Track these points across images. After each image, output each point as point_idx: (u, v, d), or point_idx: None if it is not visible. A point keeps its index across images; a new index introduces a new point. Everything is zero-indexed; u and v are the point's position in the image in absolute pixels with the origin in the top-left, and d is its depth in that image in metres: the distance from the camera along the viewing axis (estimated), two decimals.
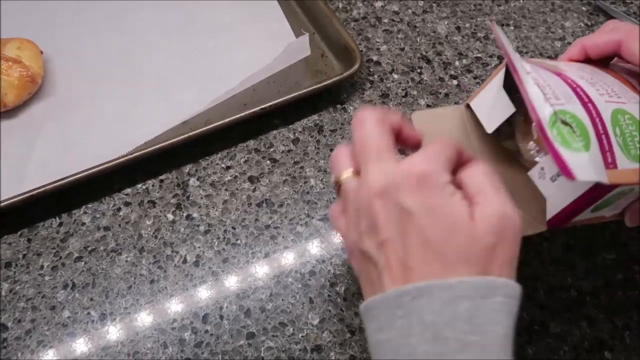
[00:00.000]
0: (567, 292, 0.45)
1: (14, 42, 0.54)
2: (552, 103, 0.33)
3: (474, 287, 0.27)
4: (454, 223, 0.28)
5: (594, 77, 0.38)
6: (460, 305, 0.26)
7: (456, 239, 0.28)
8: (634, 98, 0.37)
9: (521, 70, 0.34)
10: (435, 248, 0.28)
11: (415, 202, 0.28)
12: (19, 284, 0.44)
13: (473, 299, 0.27)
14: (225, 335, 0.42)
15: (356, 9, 0.64)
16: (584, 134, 0.33)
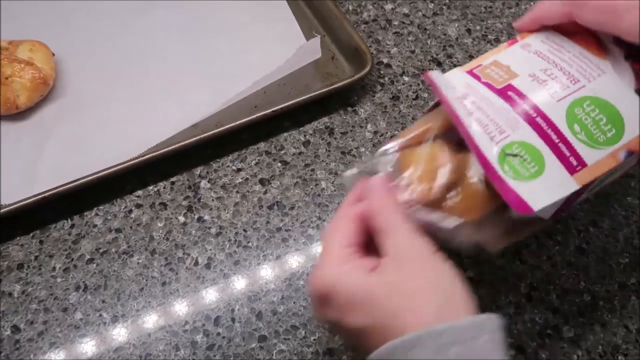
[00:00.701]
0: (581, 296, 0.45)
1: (26, 44, 0.54)
2: (497, 140, 0.35)
3: (462, 330, 0.28)
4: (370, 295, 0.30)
5: (551, 60, 0.39)
6: (450, 350, 0.27)
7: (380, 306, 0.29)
8: (597, 70, 0.37)
9: (463, 114, 0.36)
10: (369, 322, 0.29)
11: (332, 314, 0.31)
12: (31, 285, 0.44)
13: (463, 342, 0.27)
14: (237, 337, 0.42)
15: (366, 11, 0.64)
16: (536, 156, 0.34)
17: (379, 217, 0.32)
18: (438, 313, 0.28)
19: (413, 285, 0.29)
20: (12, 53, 0.53)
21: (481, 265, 0.46)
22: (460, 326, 0.28)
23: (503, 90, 0.38)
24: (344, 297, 0.30)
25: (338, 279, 0.30)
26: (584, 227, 0.48)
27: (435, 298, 0.29)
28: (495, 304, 0.44)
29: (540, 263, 0.46)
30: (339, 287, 0.30)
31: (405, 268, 0.30)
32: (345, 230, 0.33)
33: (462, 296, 0.30)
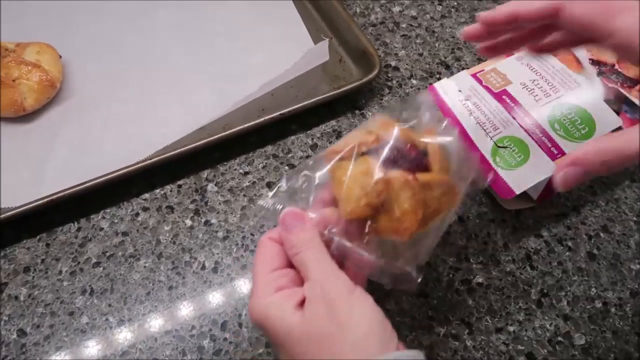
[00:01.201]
0: (592, 303, 0.44)
1: (33, 46, 0.54)
2: (492, 136, 0.45)
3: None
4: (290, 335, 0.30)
5: (539, 72, 0.50)
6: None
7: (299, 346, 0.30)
8: (574, 83, 0.48)
9: (464, 113, 0.47)
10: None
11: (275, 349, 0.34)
12: (37, 289, 0.44)
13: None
14: (244, 343, 0.41)
15: (374, 13, 0.64)
16: (523, 147, 0.44)
17: (294, 252, 0.33)
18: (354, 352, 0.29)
19: (328, 330, 0.29)
20: (20, 55, 0.53)
21: (490, 270, 0.45)
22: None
23: (499, 94, 0.48)
24: (271, 332, 0.31)
25: (266, 313, 0.31)
26: (595, 233, 0.48)
27: (351, 339, 0.29)
28: (504, 310, 0.43)
29: (550, 269, 0.45)
30: (266, 322, 0.31)
31: (321, 312, 0.30)
32: (267, 255, 0.33)
33: (379, 334, 0.30)
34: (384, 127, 0.36)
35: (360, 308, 0.30)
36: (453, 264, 0.46)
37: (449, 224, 0.39)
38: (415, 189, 0.33)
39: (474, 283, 0.45)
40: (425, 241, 0.35)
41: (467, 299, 0.44)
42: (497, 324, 0.43)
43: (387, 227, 0.34)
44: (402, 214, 0.33)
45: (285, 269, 0.33)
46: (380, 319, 0.30)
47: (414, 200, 0.33)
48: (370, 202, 0.33)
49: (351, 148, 0.35)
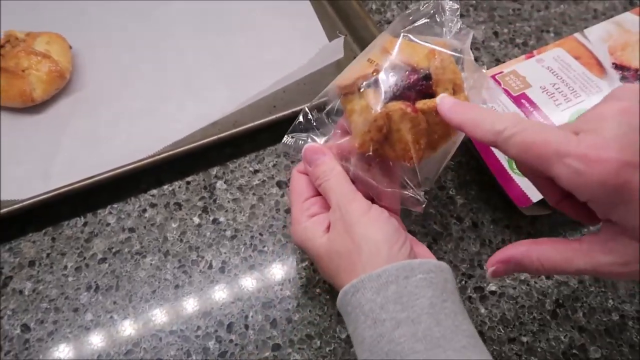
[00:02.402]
0: (609, 315, 0.43)
1: (43, 36, 0.53)
2: None
3: (395, 271, 0.31)
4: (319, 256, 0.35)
5: (559, 76, 0.49)
6: (388, 289, 0.31)
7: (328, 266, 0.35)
8: (595, 87, 0.48)
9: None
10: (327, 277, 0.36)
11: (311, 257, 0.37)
12: (42, 283, 0.43)
13: (397, 281, 0.31)
14: (250, 345, 0.41)
15: (390, 10, 0.62)
16: None
17: (318, 183, 0.37)
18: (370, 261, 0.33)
19: (347, 247, 0.33)
20: (29, 45, 0.52)
21: (504, 278, 0.44)
22: (393, 268, 0.31)
23: (518, 98, 0.47)
24: (308, 251, 0.36)
25: (303, 237, 0.36)
26: None
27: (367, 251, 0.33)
28: (518, 320, 0.42)
29: (566, 279, 0.44)
30: (304, 243, 0.36)
31: (341, 232, 0.34)
32: (298, 186, 0.38)
33: (391, 242, 0.33)
34: (384, 54, 0.36)
35: (374, 224, 0.34)
36: (466, 271, 0.44)
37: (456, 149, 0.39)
38: (416, 119, 0.34)
39: (487, 291, 0.43)
40: (433, 166, 0.38)
41: (480, 307, 0.43)
42: (510, 334, 0.42)
43: (393, 156, 0.36)
44: (405, 145, 0.35)
45: (315, 197, 0.37)
46: (392, 230, 0.34)
47: (415, 131, 0.34)
48: (373, 137, 0.35)
49: (353, 83, 0.36)
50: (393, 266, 0.31)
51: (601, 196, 0.26)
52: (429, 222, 0.47)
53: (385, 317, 0.30)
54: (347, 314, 0.33)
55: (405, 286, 0.31)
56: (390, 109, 0.34)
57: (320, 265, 0.36)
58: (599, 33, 0.52)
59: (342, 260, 0.33)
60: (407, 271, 0.31)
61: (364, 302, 0.31)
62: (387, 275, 0.31)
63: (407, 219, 0.46)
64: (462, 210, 0.47)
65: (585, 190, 0.27)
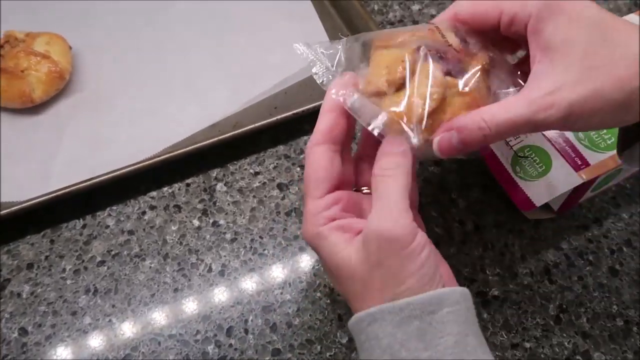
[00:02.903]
0: (613, 321, 0.42)
1: (43, 37, 0.53)
2: (512, 144, 0.43)
3: (421, 305, 0.28)
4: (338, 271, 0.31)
5: None
6: (410, 325, 0.28)
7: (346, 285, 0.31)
8: None
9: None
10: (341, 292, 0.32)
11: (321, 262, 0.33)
12: (40, 286, 0.43)
13: (422, 317, 0.28)
14: (250, 350, 0.40)
15: (392, 11, 0.62)
16: (544, 157, 0.42)
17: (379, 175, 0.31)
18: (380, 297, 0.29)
19: (374, 281, 0.29)
20: (29, 46, 0.51)
21: (507, 283, 0.44)
22: (420, 301, 0.28)
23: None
24: (322, 259, 0.32)
25: (316, 241, 0.31)
26: (618, 247, 0.46)
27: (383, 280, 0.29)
28: (521, 326, 0.42)
29: (570, 284, 0.44)
30: (318, 249, 0.31)
31: (371, 247, 0.29)
32: (316, 171, 0.32)
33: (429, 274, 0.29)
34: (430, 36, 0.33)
35: (411, 264, 0.29)
36: (468, 275, 0.44)
37: None
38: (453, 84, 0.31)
39: (490, 296, 0.43)
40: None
41: (482, 312, 0.42)
42: (512, 339, 0.41)
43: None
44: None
45: (338, 191, 0.32)
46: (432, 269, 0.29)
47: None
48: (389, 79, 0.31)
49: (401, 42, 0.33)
50: (419, 299, 0.28)
51: (536, 10, 0.30)
52: (431, 225, 0.46)
53: (405, 355, 0.28)
54: (360, 341, 0.30)
55: (430, 322, 0.28)
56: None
57: (337, 280, 0.32)
58: None
59: (365, 283, 0.30)
60: (434, 305, 0.28)
61: (382, 336, 0.28)
62: (412, 309, 0.28)
63: None
64: (464, 213, 0.47)
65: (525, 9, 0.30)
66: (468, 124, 0.30)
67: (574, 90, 0.28)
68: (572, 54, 0.29)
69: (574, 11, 0.29)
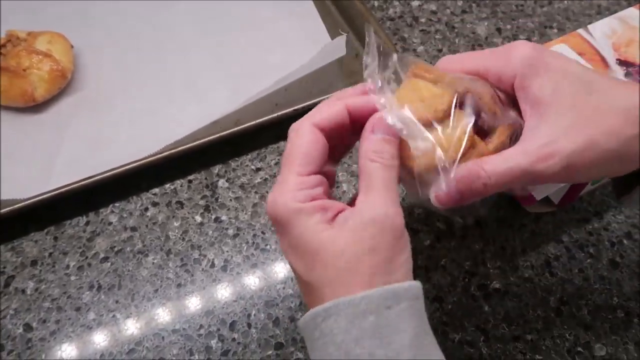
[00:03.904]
0: (614, 313, 0.42)
1: (45, 35, 0.53)
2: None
3: (377, 299, 0.27)
4: (317, 252, 0.28)
5: None
6: (365, 320, 0.26)
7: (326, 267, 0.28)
8: None
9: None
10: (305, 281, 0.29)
11: (282, 245, 0.30)
12: (44, 283, 0.43)
13: (378, 312, 0.26)
14: (253, 344, 0.40)
15: (392, 7, 0.62)
16: None
17: (370, 159, 0.29)
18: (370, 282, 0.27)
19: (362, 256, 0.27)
20: (31, 44, 0.52)
21: (508, 276, 0.44)
22: (376, 295, 0.27)
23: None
24: (293, 236, 0.28)
25: (293, 217, 0.28)
26: (618, 240, 0.46)
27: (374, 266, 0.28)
28: (522, 318, 0.42)
29: (571, 276, 0.44)
30: (291, 225, 0.28)
31: (366, 232, 0.28)
32: (306, 149, 0.29)
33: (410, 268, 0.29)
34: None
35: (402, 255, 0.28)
36: (469, 268, 0.44)
37: None
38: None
39: (491, 289, 0.43)
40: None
41: (483, 305, 0.42)
42: (514, 332, 0.41)
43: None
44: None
45: (320, 175, 0.30)
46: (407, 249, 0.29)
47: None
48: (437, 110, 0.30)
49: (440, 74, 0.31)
50: (377, 292, 0.27)
51: (520, 69, 0.30)
52: (432, 219, 0.46)
53: (360, 352, 0.26)
54: (312, 339, 0.28)
55: (387, 317, 0.27)
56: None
57: (310, 263, 0.28)
58: (603, 29, 0.52)
59: (351, 267, 0.28)
60: (391, 299, 0.27)
61: (337, 332, 0.27)
62: (368, 303, 0.26)
63: (411, 216, 0.46)
64: (465, 208, 0.47)
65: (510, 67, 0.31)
66: (467, 173, 0.29)
67: (570, 140, 0.28)
68: (561, 105, 0.29)
69: (558, 67, 0.30)
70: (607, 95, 0.29)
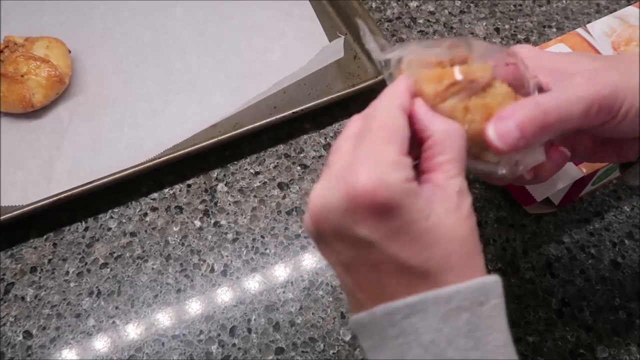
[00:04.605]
0: (616, 314, 0.42)
1: (42, 41, 0.53)
2: None
3: (471, 294, 0.24)
4: (421, 237, 0.24)
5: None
6: (459, 318, 0.24)
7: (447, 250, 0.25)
8: None
9: None
10: (412, 269, 0.25)
11: (369, 232, 0.24)
12: (44, 289, 0.43)
13: (472, 308, 0.24)
14: (253, 349, 0.40)
15: (390, 8, 0.62)
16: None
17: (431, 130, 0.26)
18: (481, 271, 0.25)
19: (468, 239, 0.25)
20: (28, 50, 0.52)
21: (509, 278, 0.44)
22: (469, 289, 0.24)
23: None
24: (406, 220, 0.24)
25: (408, 199, 0.24)
26: (619, 240, 0.46)
27: (479, 254, 0.25)
28: (523, 320, 0.42)
29: (572, 277, 0.44)
30: (403, 207, 0.24)
31: (462, 220, 0.25)
32: (399, 128, 0.26)
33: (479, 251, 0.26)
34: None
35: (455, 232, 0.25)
36: None
37: None
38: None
39: None
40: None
41: None
42: (515, 334, 0.41)
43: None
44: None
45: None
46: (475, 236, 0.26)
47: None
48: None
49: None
50: (467, 287, 0.24)
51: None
52: None
53: (453, 356, 0.24)
54: (386, 337, 0.25)
55: (480, 315, 0.24)
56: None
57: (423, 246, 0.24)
58: (602, 28, 0.52)
59: (468, 248, 0.25)
60: (483, 295, 0.24)
61: (424, 331, 0.24)
62: (461, 299, 0.24)
63: None
64: None
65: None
66: (525, 105, 0.26)
67: (611, 71, 0.28)
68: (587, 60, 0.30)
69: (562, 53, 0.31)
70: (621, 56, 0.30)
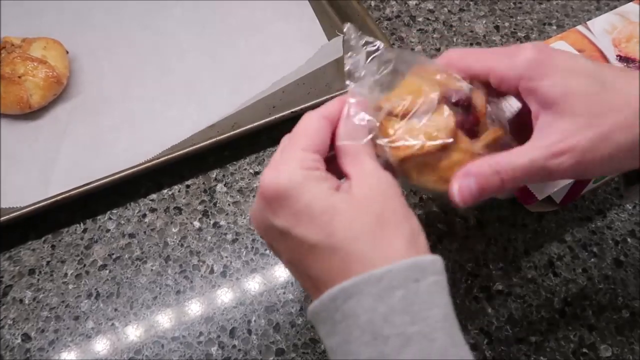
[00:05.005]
0: (619, 313, 0.42)
1: (39, 41, 0.53)
2: None
3: (403, 272, 0.25)
4: (335, 211, 0.26)
5: None
6: (393, 296, 0.25)
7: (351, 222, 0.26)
8: None
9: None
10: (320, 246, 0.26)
11: (281, 221, 0.27)
12: (42, 292, 0.43)
13: (406, 285, 0.25)
14: (253, 351, 0.40)
15: (389, 7, 0.61)
16: None
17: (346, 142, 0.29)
18: (407, 249, 0.26)
19: (382, 214, 0.26)
20: (26, 51, 0.51)
21: (511, 277, 0.43)
22: (402, 268, 0.25)
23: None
24: (303, 203, 0.26)
25: (299, 183, 0.27)
26: (622, 238, 0.45)
27: (403, 232, 0.27)
28: (526, 320, 0.41)
29: (575, 276, 0.43)
30: (299, 192, 0.26)
31: (374, 195, 0.27)
32: (312, 131, 0.29)
33: (421, 235, 0.28)
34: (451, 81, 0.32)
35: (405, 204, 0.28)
36: (471, 270, 0.44)
37: None
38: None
39: (494, 290, 0.43)
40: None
41: (486, 306, 0.42)
42: (518, 334, 0.41)
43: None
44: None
45: (322, 158, 0.29)
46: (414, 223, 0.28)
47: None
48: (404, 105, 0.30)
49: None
50: (400, 266, 0.25)
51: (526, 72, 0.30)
52: (433, 221, 0.46)
53: (390, 332, 0.24)
54: (333, 322, 0.26)
55: (416, 292, 0.25)
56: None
57: (323, 226, 0.26)
58: (602, 25, 0.51)
59: (368, 225, 0.26)
60: (419, 272, 0.25)
61: (361, 312, 0.25)
62: (392, 278, 0.25)
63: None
64: (466, 208, 0.47)
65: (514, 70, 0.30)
66: (484, 169, 0.29)
67: (583, 136, 0.28)
68: (575, 104, 0.29)
69: (566, 67, 0.29)
70: (621, 89, 0.29)
